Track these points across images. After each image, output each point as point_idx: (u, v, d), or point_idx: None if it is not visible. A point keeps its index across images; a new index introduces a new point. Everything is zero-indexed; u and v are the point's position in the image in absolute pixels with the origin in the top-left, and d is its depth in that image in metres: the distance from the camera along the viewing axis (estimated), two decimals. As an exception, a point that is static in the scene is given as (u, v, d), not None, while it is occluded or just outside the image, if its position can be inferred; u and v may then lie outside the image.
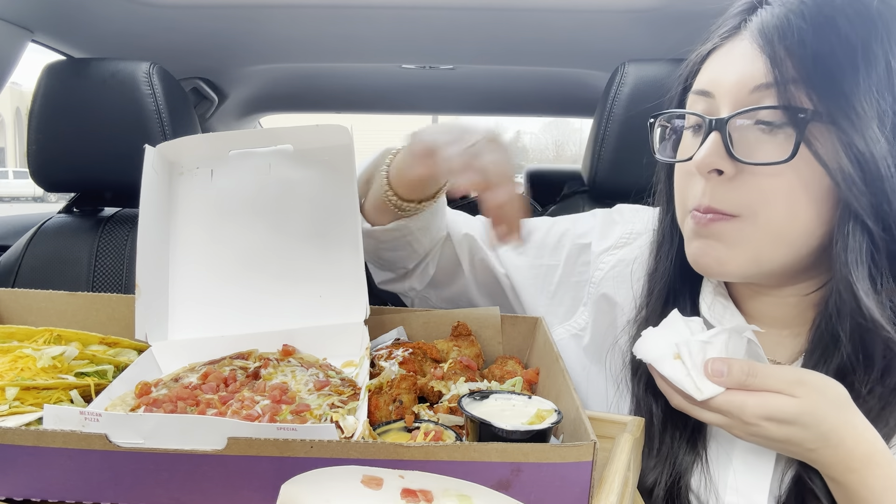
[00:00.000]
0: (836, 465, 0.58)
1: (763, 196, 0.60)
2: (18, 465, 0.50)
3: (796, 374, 0.58)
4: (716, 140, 0.61)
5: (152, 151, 0.76)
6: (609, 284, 0.86)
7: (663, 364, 0.61)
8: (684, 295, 0.75)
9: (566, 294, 0.91)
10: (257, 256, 0.80)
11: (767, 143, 0.60)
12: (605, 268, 0.87)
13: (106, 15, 1.37)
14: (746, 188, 0.61)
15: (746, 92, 0.60)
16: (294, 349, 0.75)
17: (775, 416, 0.56)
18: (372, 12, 1.36)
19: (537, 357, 0.76)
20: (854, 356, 0.61)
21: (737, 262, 0.64)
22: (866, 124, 0.56)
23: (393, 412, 0.65)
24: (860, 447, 0.57)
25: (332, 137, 0.78)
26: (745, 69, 0.61)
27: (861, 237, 0.58)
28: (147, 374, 0.70)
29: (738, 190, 0.61)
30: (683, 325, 0.63)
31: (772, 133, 0.59)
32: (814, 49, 0.57)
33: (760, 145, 0.60)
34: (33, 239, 1.39)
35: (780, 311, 0.71)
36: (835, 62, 0.57)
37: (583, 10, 1.32)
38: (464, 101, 2.49)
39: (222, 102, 2.02)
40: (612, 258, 0.88)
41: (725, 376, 0.57)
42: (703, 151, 0.61)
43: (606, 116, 1.18)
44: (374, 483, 0.46)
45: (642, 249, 0.83)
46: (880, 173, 0.56)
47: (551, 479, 0.49)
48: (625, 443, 0.59)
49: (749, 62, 0.61)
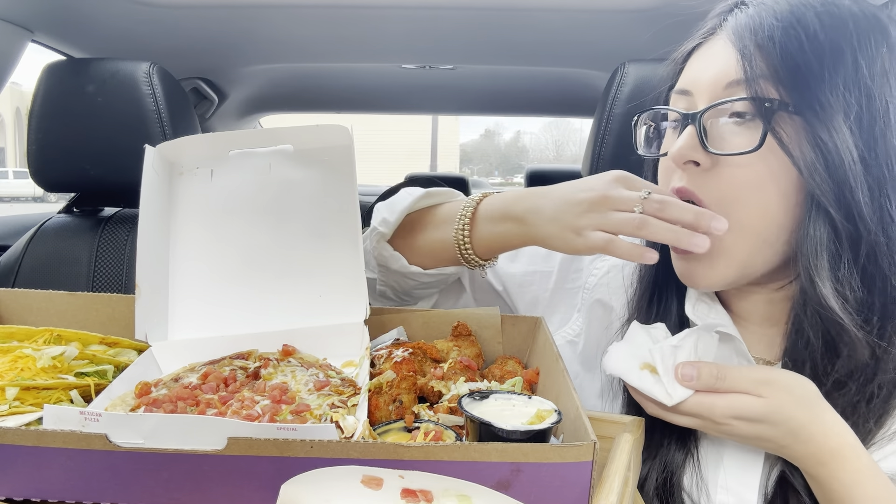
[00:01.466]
0: (807, 460, 0.60)
1: (736, 187, 0.63)
2: (18, 465, 0.50)
3: (763, 373, 0.60)
4: (691, 133, 0.63)
5: (152, 151, 0.76)
6: (603, 290, 0.87)
7: (631, 376, 0.63)
8: (670, 294, 0.76)
9: (560, 301, 0.91)
10: (257, 256, 0.80)
11: (739, 135, 0.62)
12: (598, 273, 0.89)
13: (106, 15, 1.37)
14: (721, 178, 0.63)
15: (721, 88, 0.63)
16: (294, 349, 0.75)
17: (743, 415, 0.59)
18: (372, 12, 1.36)
19: (537, 357, 0.76)
20: (822, 350, 0.63)
21: (719, 273, 0.66)
22: (830, 116, 0.58)
23: (393, 412, 0.65)
24: (830, 441, 0.58)
25: (332, 137, 0.78)
26: (720, 66, 0.64)
27: (823, 227, 0.60)
28: (147, 374, 0.70)
29: (714, 180, 0.64)
30: (645, 335, 0.64)
31: (744, 125, 0.62)
32: (782, 45, 0.60)
33: (732, 137, 0.63)
34: (33, 239, 1.39)
35: (766, 308, 0.72)
36: (802, 57, 0.59)
37: (583, 10, 1.32)
38: (464, 101, 2.50)
39: (222, 102, 2.02)
40: (604, 264, 0.89)
41: (695, 380, 0.59)
42: (678, 143, 0.64)
43: (606, 116, 1.18)
44: (374, 483, 0.46)
45: None
46: (843, 163, 0.58)
47: (551, 479, 0.49)
48: (625, 443, 0.59)
49: (724, 60, 0.63)
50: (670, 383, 0.60)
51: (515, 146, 47.17)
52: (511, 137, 47.80)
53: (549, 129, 43.42)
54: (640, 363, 0.63)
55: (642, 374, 0.62)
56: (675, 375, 0.60)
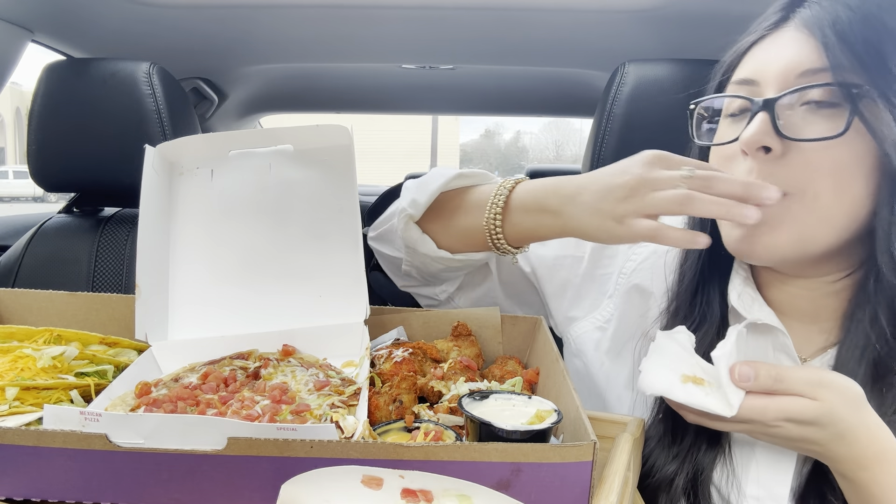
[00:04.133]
0: (848, 462, 0.59)
1: (811, 172, 0.62)
2: (18, 465, 0.50)
3: (817, 375, 0.59)
4: (763, 119, 0.63)
5: (152, 151, 0.76)
6: (643, 275, 0.86)
7: (675, 392, 0.60)
8: (713, 285, 0.76)
9: (591, 286, 0.90)
10: (257, 256, 0.80)
11: (816, 121, 0.62)
12: (637, 259, 0.87)
13: (106, 15, 1.37)
14: (794, 165, 0.63)
15: (794, 76, 0.63)
16: (294, 349, 0.75)
17: (796, 417, 0.58)
18: (372, 12, 1.36)
19: (537, 357, 0.76)
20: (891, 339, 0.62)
21: (780, 243, 0.65)
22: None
23: (393, 412, 0.65)
24: (873, 445, 0.58)
25: (332, 137, 0.78)
26: (793, 56, 0.63)
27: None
28: (147, 374, 0.70)
29: (786, 168, 0.63)
30: (674, 344, 0.63)
31: (819, 112, 0.62)
32: (863, 35, 0.60)
33: (808, 124, 0.62)
34: (33, 239, 1.39)
35: (808, 303, 0.71)
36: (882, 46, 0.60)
37: (583, 10, 1.32)
38: (464, 101, 2.50)
39: (222, 102, 2.02)
40: (644, 250, 0.87)
41: (752, 381, 0.58)
42: (750, 129, 0.63)
43: (606, 116, 1.18)
44: (374, 483, 0.46)
45: None
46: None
47: (551, 479, 0.49)
48: (625, 443, 0.59)
49: (796, 49, 0.63)
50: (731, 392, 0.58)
51: (515, 146, 47.19)
52: (511, 137, 47.82)
53: (549, 129, 43.42)
54: (681, 376, 0.61)
55: (688, 388, 0.60)
56: (732, 377, 0.59)
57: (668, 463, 0.71)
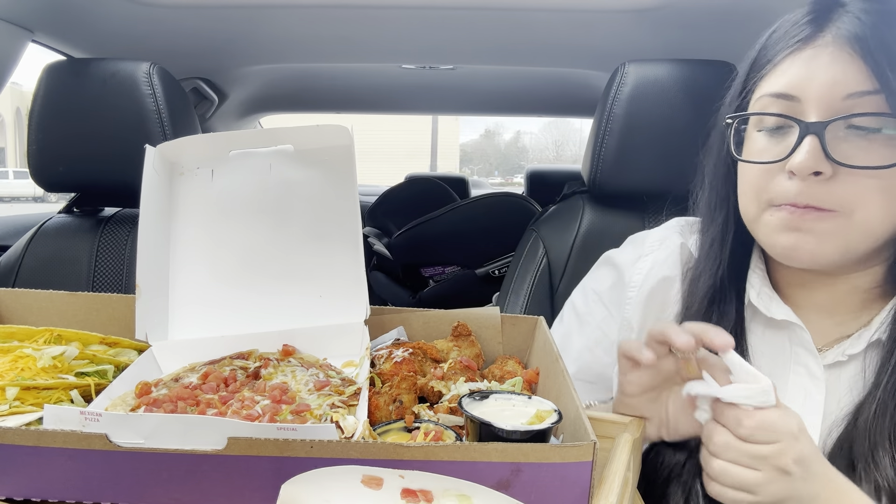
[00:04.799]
0: None
1: (861, 195, 0.64)
2: (18, 465, 0.50)
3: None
4: (814, 143, 0.63)
5: (153, 151, 0.76)
6: (655, 277, 0.86)
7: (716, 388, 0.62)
8: (731, 288, 0.77)
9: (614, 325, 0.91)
10: (258, 256, 0.80)
11: (865, 146, 0.63)
12: (644, 269, 0.87)
13: (106, 15, 1.37)
14: (844, 187, 0.64)
15: (839, 98, 0.63)
16: (294, 349, 0.75)
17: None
18: (372, 12, 1.36)
19: (537, 357, 0.76)
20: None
21: (827, 253, 0.66)
22: None
23: (393, 412, 0.65)
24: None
25: (332, 138, 0.78)
26: (838, 77, 0.63)
27: None
28: (147, 374, 0.70)
29: (836, 189, 0.64)
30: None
31: (868, 137, 0.63)
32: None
33: (857, 149, 0.63)
34: (33, 239, 1.39)
35: (827, 297, 0.73)
36: None
37: (583, 10, 1.32)
38: (464, 101, 2.50)
39: (222, 102, 2.02)
40: (647, 262, 0.88)
41: None
42: (802, 155, 0.63)
43: (607, 116, 1.18)
44: (374, 483, 0.46)
45: (672, 250, 0.86)
46: None
47: (551, 479, 0.49)
48: (625, 443, 0.59)
49: (841, 69, 0.63)
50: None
51: (515, 146, 47.18)
52: (511, 137, 47.81)
53: (549, 129, 43.41)
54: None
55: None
56: None
57: (676, 453, 0.71)
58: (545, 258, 1.25)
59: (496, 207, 2.06)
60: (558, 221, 1.30)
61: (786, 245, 0.68)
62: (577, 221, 1.27)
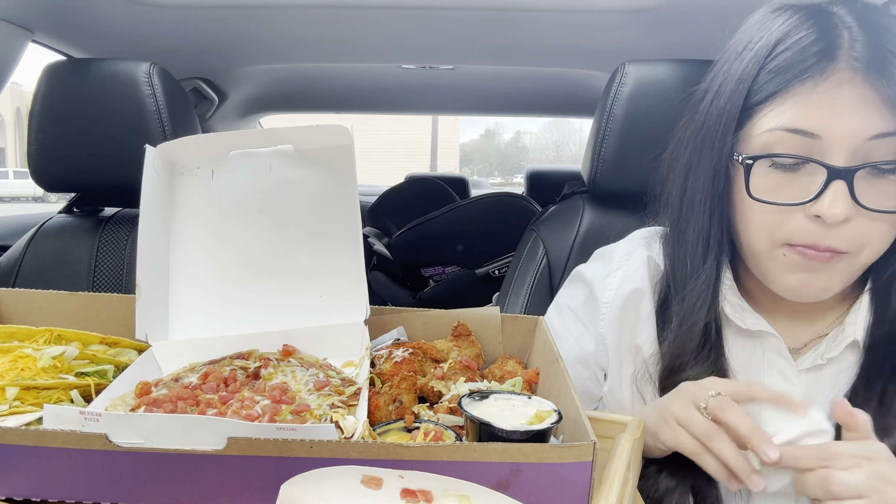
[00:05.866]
0: None
1: (872, 234, 0.65)
2: (18, 465, 0.50)
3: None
4: (843, 190, 0.62)
5: (153, 151, 0.76)
6: (625, 292, 0.86)
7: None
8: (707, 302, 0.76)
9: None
10: (258, 256, 0.80)
11: (884, 185, 0.63)
12: (614, 285, 0.87)
13: (106, 15, 1.37)
14: (859, 228, 0.65)
15: (863, 139, 0.62)
16: (294, 349, 0.75)
17: None
18: (372, 12, 1.36)
19: (537, 357, 0.76)
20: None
21: (834, 288, 0.68)
22: None
23: (393, 412, 0.65)
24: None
25: (332, 138, 0.78)
26: (863, 118, 0.62)
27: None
28: (147, 374, 0.70)
29: (852, 230, 0.65)
30: None
31: (886, 177, 0.63)
32: None
33: (877, 190, 0.63)
34: (33, 239, 1.39)
35: (797, 303, 0.73)
36: None
37: (583, 10, 1.32)
38: (464, 101, 2.50)
39: (222, 102, 2.02)
40: (616, 277, 0.87)
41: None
42: (837, 204, 0.62)
43: (606, 117, 1.18)
44: (374, 483, 0.46)
45: (640, 263, 0.85)
46: None
47: (551, 479, 0.49)
48: (625, 443, 0.59)
49: (866, 111, 0.62)
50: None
51: (515, 146, 47.18)
52: (511, 137, 47.81)
53: (549, 129, 43.41)
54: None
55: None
56: None
57: (669, 479, 0.72)
58: (545, 258, 1.25)
59: (496, 207, 2.07)
60: (558, 221, 1.30)
61: (797, 285, 0.68)
62: (577, 221, 1.27)
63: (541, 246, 1.26)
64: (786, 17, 0.67)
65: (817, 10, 0.66)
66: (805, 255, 0.66)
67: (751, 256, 0.72)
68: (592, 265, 0.94)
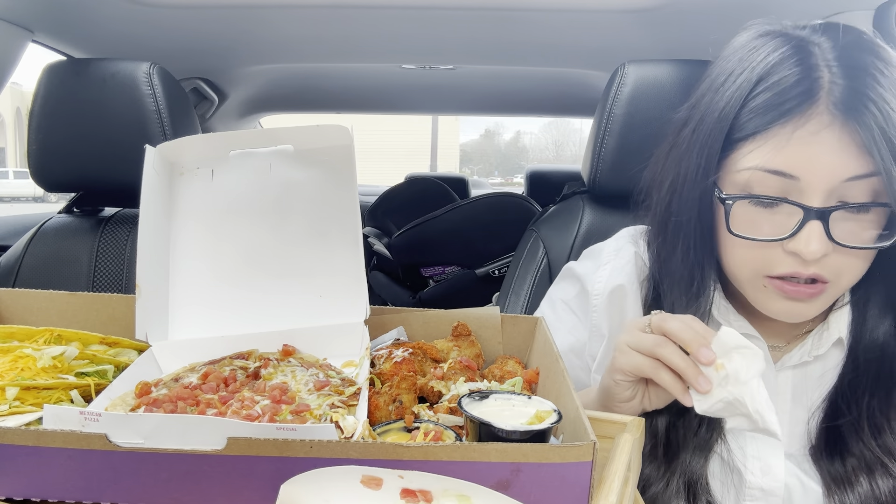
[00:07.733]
0: None
1: (850, 264, 0.68)
2: (18, 465, 0.50)
3: None
4: (818, 229, 0.65)
5: (153, 151, 0.76)
6: (612, 285, 0.89)
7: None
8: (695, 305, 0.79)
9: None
10: (258, 256, 0.80)
11: (857, 224, 0.66)
12: (604, 278, 0.90)
13: (106, 15, 1.37)
14: (838, 259, 0.67)
15: (839, 181, 0.64)
16: (294, 349, 0.75)
17: None
18: (372, 12, 1.36)
19: (537, 357, 0.76)
20: None
21: (815, 311, 0.72)
22: None
23: (393, 412, 0.65)
24: None
25: (332, 138, 0.78)
26: (839, 160, 0.64)
27: None
28: (147, 374, 0.70)
29: (830, 262, 0.67)
30: None
31: (859, 215, 0.66)
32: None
33: (850, 226, 0.66)
34: (33, 239, 1.39)
35: None
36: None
37: (583, 10, 1.33)
38: (464, 101, 2.50)
39: (222, 102, 2.02)
40: (606, 271, 0.90)
41: None
42: (812, 243, 0.65)
43: (606, 117, 1.18)
44: (374, 483, 0.46)
45: (627, 259, 0.88)
46: None
47: (551, 479, 0.49)
48: (624, 443, 0.59)
49: (844, 154, 0.64)
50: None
51: (515, 146, 47.19)
52: (511, 137, 47.82)
53: (549, 129, 43.45)
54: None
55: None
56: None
57: (661, 476, 0.75)
58: (545, 258, 1.25)
59: (496, 207, 2.07)
60: (558, 221, 1.30)
61: (780, 310, 0.72)
62: (577, 221, 1.27)
63: (541, 246, 1.27)
64: (769, 48, 0.68)
65: (799, 44, 0.67)
66: (784, 291, 0.69)
67: (736, 283, 0.76)
68: (582, 262, 0.97)
